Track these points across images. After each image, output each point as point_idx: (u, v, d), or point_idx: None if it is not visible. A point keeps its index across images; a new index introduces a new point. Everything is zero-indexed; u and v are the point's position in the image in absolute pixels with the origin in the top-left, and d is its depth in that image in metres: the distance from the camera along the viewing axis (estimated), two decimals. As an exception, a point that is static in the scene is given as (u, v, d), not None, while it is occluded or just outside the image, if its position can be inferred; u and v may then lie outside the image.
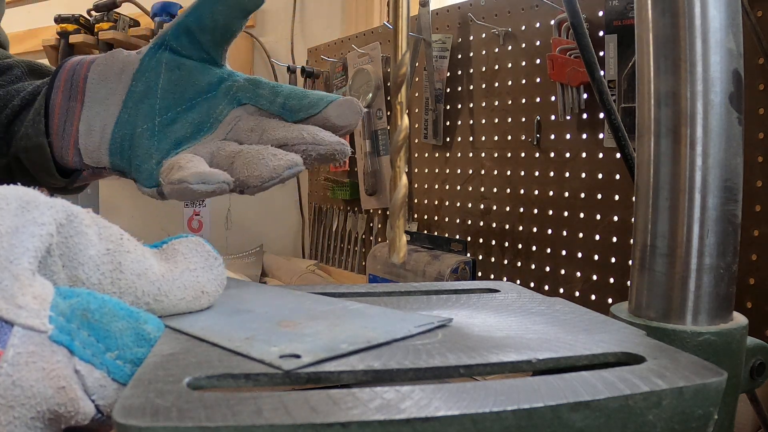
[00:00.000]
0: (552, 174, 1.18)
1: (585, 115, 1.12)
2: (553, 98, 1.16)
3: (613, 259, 1.08)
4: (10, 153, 0.51)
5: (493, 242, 1.31)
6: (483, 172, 1.33)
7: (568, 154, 1.15)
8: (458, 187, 1.39)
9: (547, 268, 1.19)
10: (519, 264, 1.24)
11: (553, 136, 1.18)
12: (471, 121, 1.35)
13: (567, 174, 1.16)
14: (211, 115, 0.46)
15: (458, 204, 1.40)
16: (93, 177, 0.51)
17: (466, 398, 0.21)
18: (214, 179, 0.39)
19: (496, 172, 1.31)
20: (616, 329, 0.31)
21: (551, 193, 1.19)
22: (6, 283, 0.23)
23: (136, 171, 0.46)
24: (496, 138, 1.30)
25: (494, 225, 1.31)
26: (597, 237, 1.10)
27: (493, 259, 1.31)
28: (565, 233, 1.16)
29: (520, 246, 1.24)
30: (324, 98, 0.44)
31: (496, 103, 1.30)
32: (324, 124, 0.43)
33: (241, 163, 0.41)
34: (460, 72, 1.37)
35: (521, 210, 1.25)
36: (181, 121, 0.46)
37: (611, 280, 1.08)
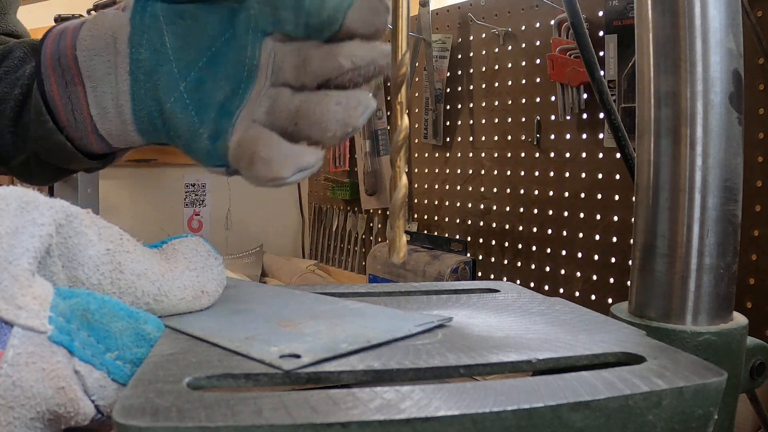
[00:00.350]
0: (552, 174, 1.18)
1: (585, 115, 1.12)
2: (553, 98, 1.16)
3: (613, 259, 1.08)
4: (27, 149, 0.48)
5: (493, 242, 1.31)
6: (483, 172, 1.33)
7: (568, 154, 1.15)
8: (458, 187, 1.40)
9: (547, 268, 1.19)
10: (519, 264, 1.24)
11: (553, 136, 1.18)
12: (471, 121, 1.35)
13: (567, 174, 1.16)
14: (241, 60, 0.40)
15: (458, 204, 1.40)
16: (129, 151, 0.48)
17: (466, 398, 0.21)
18: (307, 163, 0.36)
19: (496, 172, 1.31)
20: (616, 329, 0.31)
21: (551, 193, 1.19)
22: (6, 284, 0.23)
23: (186, 149, 0.42)
24: (496, 138, 1.30)
25: (494, 225, 1.31)
26: (597, 237, 1.10)
27: (493, 259, 1.31)
28: (565, 233, 1.16)
29: (520, 246, 1.24)
30: (340, 4, 0.38)
31: (496, 103, 1.30)
32: (352, 35, 0.38)
33: (307, 124, 0.37)
34: (460, 72, 1.37)
35: (521, 210, 1.25)
36: (209, 79, 0.40)
37: (611, 280, 1.08)
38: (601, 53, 1.03)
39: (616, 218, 1.07)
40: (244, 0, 0.40)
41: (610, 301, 1.09)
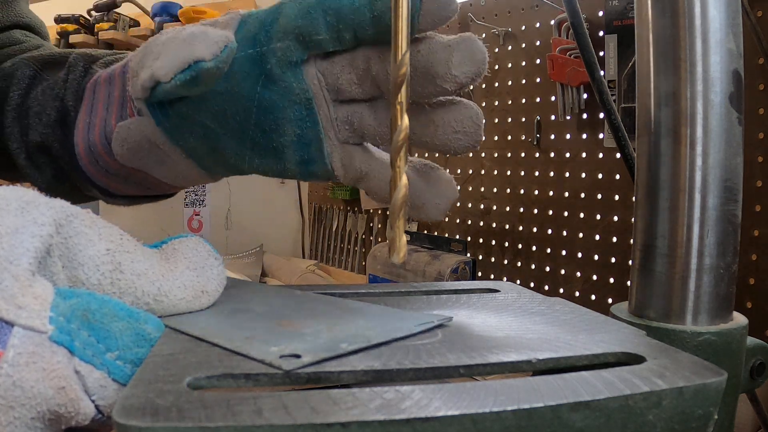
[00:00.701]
0: (552, 174, 1.18)
1: (585, 115, 1.12)
2: (553, 98, 1.16)
3: (613, 259, 1.08)
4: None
5: (493, 242, 1.31)
6: (483, 172, 1.33)
7: (568, 154, 1.15)
8: (458, 187, 1.40)
9: (547, 268, 1.19)
10: (519, 264, 1.24)
11: (553, 136, 1.18)
12: (471, 121, 1.35)
13: (567, 174, 1.16)
14: (292, 99, 0.38)
15: (458, 204, 1.40)
16: None
17: (466, 398, 0.21)
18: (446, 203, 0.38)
19: (496, 172, 1.31)
20: (616, 329, 0.31)
21: (551, 193, 1.19)
22: (6, 284, 0.23)
23: (280, 176, 0.41)
24: (496, 138, 1.30)
25: (494, 225, 1.31)
26: (597, 237, 1.10)
27: (493, 259, 1.31)
28: (565, 233, 1.16)
29: (520, 246, 1.24)
30: (412, 9, 0.34)
31: (496, 103, 1.30)
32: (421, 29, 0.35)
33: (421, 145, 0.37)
34: (460, 72, 1.37)
35: (521, 210, 1.25)
36: (270, 129, 0.38)
37: (611, 280, 1.08)
38: (601, 53, 1.03)
39: (616, 218, 1.07)
40: (256, 41, 0.38)
41: (610, 301, 1.09)
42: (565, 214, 1.16)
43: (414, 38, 0.36)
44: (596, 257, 1.11)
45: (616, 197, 1.07)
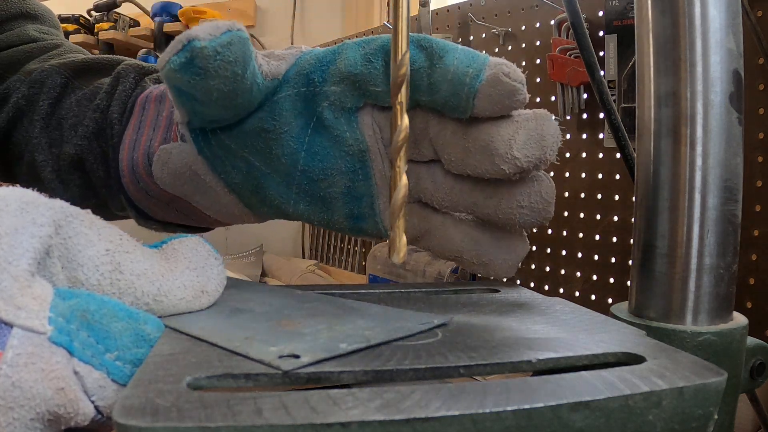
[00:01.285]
0: (552, 174, 1.18)
1: (585, 115, 1.12)
2: (553, 98, 1.16)
3: (613, 259, 1.08)
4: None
5: (493, 242, 1.31)
6: (483, 172, 1.33)
7: (568, 154, 1.15)
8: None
9: (547, 268, 1.19)
10: (519, 264, 1.24)
11: (553, 136, 1.18)
12: (471, 121, 1.35)
13: (567, 174, 1.16)
14: (343, 147, 0.36)
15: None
16: None
17: (466, 398, 0.21)
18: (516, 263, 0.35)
19: (496, 172, 1.31)
20: (616, 329, 0.31)
21: (551, 193, 1.18)
22: (5, 284, 0.23)
23: (328, 228, 0.40)
24: (496, 138, 1.30)
25: (494, 225, 1.31)
26: (597, 237, 1.10)
27: (493, 259, 1.31)
28: (565, 233, 1.16)
29: (520, 246, 1.24)
30: (466, 90, 0.31)
31: (496, 103, 1.30)
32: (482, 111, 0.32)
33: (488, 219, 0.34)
34: (460, 72, 1.37)
35: (521, 210, 1.25)
36: (319, 175, 0.36)
37: (611, 280, 1.08)
38: (601, 53, 1.03)
39: (616, 218, 1.07)
40: (309, 79, 0.35)
41: (610, 301, 1.09)
42: (565, 214, 1.16)
43: (473, 117, 0.33)
44: (596, 257, 1.11)
45: (616, 197, 1.07)
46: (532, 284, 1.21)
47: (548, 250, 1.19)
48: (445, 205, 0.37)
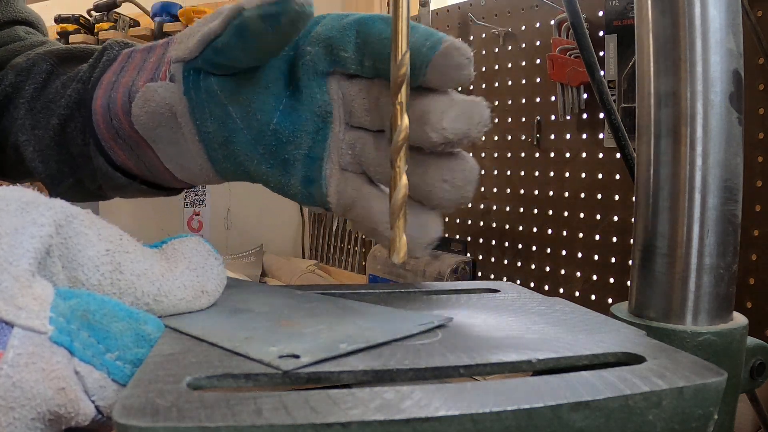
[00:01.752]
0: (552, 174, 1.18)
1: (585, 115, 1.12)
2: (553, 98, 1.16)
3: (613, 259, 1.08)
4: (75, 174, 0.48)
5: (493, 242, 1.31)
6: (483, 172, 1.33)
7: (568, 154, 1.15)
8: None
9: (547, 268, 1.19)
10: (519, 264, 1.24)
11: (553, 136, 1.18)
12: (471, 121, 1.35)
13: (567, 174, 1.16)
14: (312, 109, 0.38)
15: (458, 204, 1.40)
16: None
17: (466, 398, 0.21)
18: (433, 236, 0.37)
19: (496, 172, 1.31)
20: (616, 329, 0.31)
21: (551, 193, 1.19)
22: (6, 284, 0.23)
23: (279, 193, 0.41)
24: (496, 138, 1.30)
25: (494, 225, 1.31)
26: (597, 237, 1.10)
27: (493, 259, 1.31)
28: (565, 233, 1.16)
29: (520, 246, 1.24)
30: (421, 58, 0.33)
31: (496, 103, 1.30)
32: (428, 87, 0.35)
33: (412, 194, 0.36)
34: (460, 72, 1.37)
35: (521, 210, 1.25)
36: (286, 135, 0.38)
37: (611, 280, 1.08)
38: (601, 53, 1.03)
39: (616, 218, 1.07)
40: (296, 45, 0.38)
41: (610, 301, 1.09)
42: (565, 214, 1.16)
43: (422, 88, 0.35)
44: (596, 257, 1.11)
45: (616, 197, 1.07)
46: (532, 284, 1.21)
47: (548, 250, 1.19)
48: (378, 176, 0.39)
